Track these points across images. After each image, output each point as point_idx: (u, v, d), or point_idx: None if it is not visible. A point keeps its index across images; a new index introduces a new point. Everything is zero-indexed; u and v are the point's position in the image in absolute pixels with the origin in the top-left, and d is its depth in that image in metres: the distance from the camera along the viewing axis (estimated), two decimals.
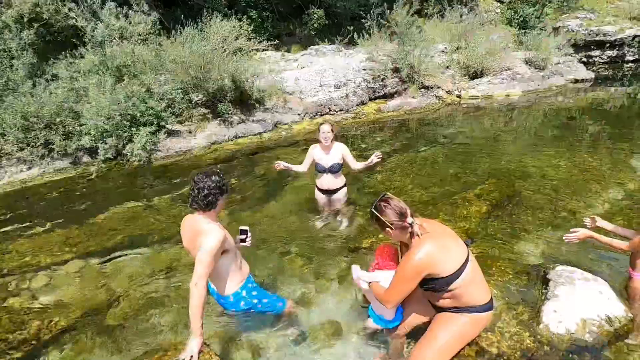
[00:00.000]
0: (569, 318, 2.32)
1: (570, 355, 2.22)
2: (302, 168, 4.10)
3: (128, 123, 6.32)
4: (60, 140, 6.25)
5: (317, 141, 3.97)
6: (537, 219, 4.04)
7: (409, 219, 2.09)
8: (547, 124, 7.93)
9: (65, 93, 6.39)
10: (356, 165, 3.98)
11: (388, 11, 9.84)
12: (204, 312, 2.27)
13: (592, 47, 13.56)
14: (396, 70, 9.64)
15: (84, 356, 2.75)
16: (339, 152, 3.97)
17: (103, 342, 2.85)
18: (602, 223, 2.79)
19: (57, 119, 6.21)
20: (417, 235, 2.08)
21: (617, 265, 3.12)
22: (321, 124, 3.97)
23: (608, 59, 13.59)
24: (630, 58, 13.38)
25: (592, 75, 11.21)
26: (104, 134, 6.22)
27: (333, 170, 4.00)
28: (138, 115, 6.40)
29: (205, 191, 2.31)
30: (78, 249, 4.11)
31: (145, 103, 6.55)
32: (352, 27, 12.29)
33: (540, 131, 7.49)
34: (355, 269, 2.42)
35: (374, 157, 3.72)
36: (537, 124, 8.03)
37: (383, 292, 2.23)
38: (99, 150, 6.29)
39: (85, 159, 6.45)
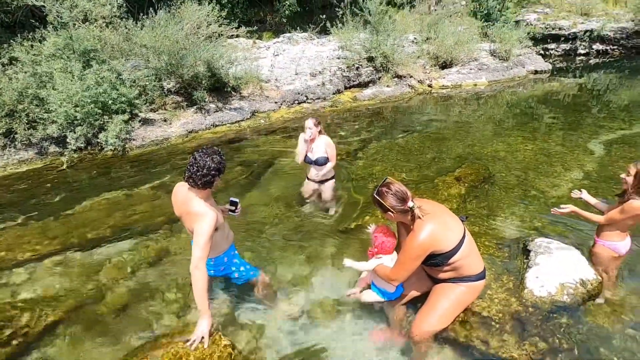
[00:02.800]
0: (549, 283, 2.57)
1: (552, 315, 2.48)
2: (298, 159, 4.15)
3: (100, 111, 6.02)
4: (23, 129, 5.85)
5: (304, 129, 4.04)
6: (510, 197, 4.37)
7: (410, 203, 2.20)
8: (512, 111, 8.43)
9: (27, 78, 5.96)
10: (332, 164, 4.12)
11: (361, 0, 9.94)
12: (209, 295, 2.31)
13: (549, 40, 14.41)
14: (370, 59, 9.80)
15: (81, 348, 2.69)
16: (324, 146, 4.06)
17: (100, 333, 2.79)
18: (586, 197, 3.08)
19: (20, 107, 5.80)
20: (419, 217, 2.20)
21: (583, 234, 3.48)
22: (306, 118, 4.06)
23: (563, 52, 14.52)
24: (582, 51, 14.38)
25: (549, 66, 11.95)
26: (74, 122, 5.89)
27: (319, 163, 4.08)
28: (110, 102, 6.10)
29: (205, 171, 2.27)
30: (58, 241, 3.93)
31: (117, 90, 6.26)
32: (324, 16, 12.28)
33: (506, 118, 7.95)
34: (348, 262, 2.55)
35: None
36: (503, 111, 8.51)
37: (389, 271, 2.36)
38: (67, 140, 5.95)
39: (53, 149, 6.09)
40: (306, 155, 4.09)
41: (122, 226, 4.18)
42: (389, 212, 2.24)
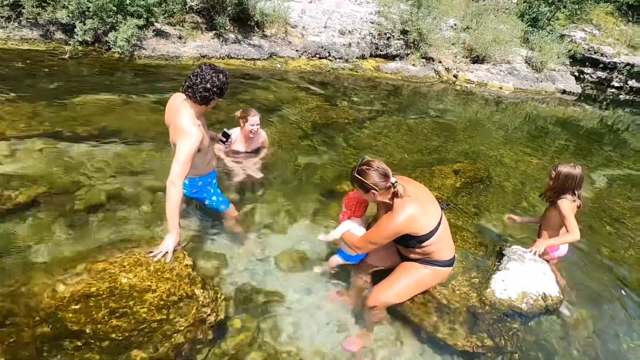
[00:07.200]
0: (512, 288, 2.60)
1: (506, 317, 2.52)
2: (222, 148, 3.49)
3: (115, 8, 5.71)
4: (32, 6, 5.55)
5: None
6: (501, 203, 4.34)
7: (392, 179, 2.15)
8: (528, 124, 8.25)
9: None
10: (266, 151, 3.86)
11: None
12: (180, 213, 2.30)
13: (587, 63, 13.87)
14: (404, 32, 9.37)
15: (46, 232, 2.69)
16: (261, 139, 3.82)
17: (68, 224, 2.79)
18: (518, 219, 3.30)
19: None
20: (400, 195, 2.14)
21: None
22: (252, 114, 3.49)
23: (597, 79, 14.03)
24: (616, 84, 13.89)
25: (579, 89, 11.59)
26: (85, 13, 5.60)
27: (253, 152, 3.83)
28: (127, 2, 5.78)
29: (208, 85, 2.19)
30: (45, 127, 3.85)
31: None
32: None
33: (520, 128, 7.79)
34: (321, 237, 2.53)
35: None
36: (519, 121, 8.33)
37: (356, 240, 2.35)
38: (75, 30, 5.68)
39: (59, 35, 5.83)
40: (234, 149, 3.66)
41: (112, 129, 4.09)
42: (373, 191, 2.15)
